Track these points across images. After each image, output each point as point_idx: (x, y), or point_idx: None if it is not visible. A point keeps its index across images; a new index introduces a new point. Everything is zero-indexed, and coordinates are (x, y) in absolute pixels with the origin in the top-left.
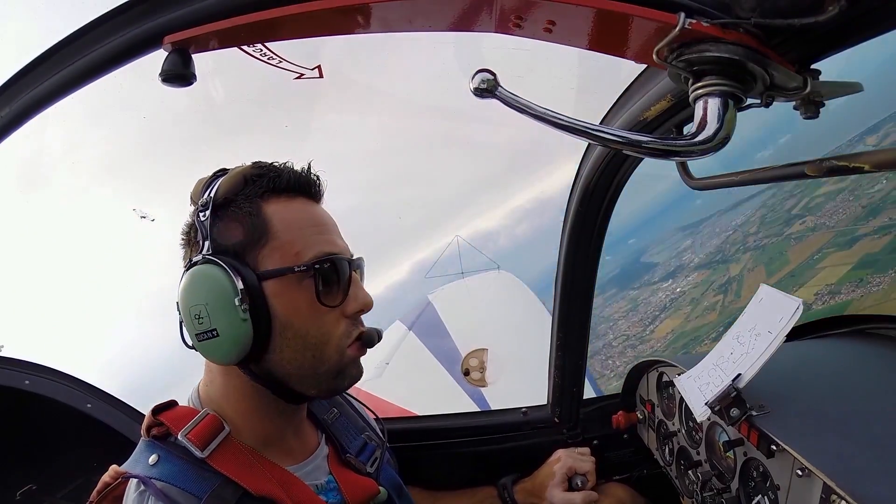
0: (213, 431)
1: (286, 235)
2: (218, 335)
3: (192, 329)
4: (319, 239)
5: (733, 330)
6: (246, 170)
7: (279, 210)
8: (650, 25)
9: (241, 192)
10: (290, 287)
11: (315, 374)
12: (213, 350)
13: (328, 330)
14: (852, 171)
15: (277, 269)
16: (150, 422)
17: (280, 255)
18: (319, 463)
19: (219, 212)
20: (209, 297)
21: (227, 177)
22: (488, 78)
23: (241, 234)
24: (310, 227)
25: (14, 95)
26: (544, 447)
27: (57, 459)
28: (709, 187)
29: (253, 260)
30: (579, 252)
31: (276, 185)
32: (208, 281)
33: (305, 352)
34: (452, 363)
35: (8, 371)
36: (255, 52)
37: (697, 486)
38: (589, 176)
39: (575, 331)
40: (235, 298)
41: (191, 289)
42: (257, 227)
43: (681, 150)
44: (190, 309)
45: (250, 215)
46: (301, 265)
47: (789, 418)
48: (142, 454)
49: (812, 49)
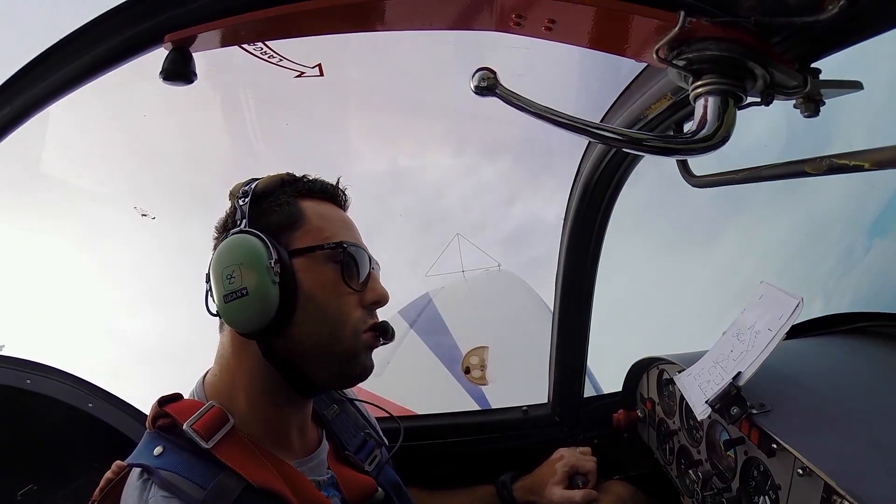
0: (219, 423)
1: (317, 223)
2: (247, 294)
3: (222, 290)
4: (347, 233)
5: (733, 327)
6: (282, 175)
7: (312, 205)
8: (650, 24)
9: (278, 188)
10: (317, 264)
11: (330, 352)
12: (238, 311)
13: (347, 311)
14: (853, 169)
15: (307, 247)
16: (156, 412)
17: (311, 237)
18: (322, 460)
19: (258, 200)
20: (244, 258)
21: (265, 178)
22: (489, 76)
23: (277, 218)
24: (339, 222)
25: (15, 94)
26: (545, 446)
27: (58, 459)
28: (709, 185)
29: (286, 240)
30: (580, 250)
31: (310, 188)
32: (245, 245)
33: (324, 327)
34: (453, 362)
35: (9, 370)
36: (256, 51)
37: (698, 485)
38: (589, 174)
39: (575, 329)
40: (269, 261)
41: (226, 252)
42: (293, 214)
43: (681, 148)
44: (223, 270)
45: (287, 205)
46: (329, 243)
47: (790, 417)
48: (146, 445)
49: (812, 48)
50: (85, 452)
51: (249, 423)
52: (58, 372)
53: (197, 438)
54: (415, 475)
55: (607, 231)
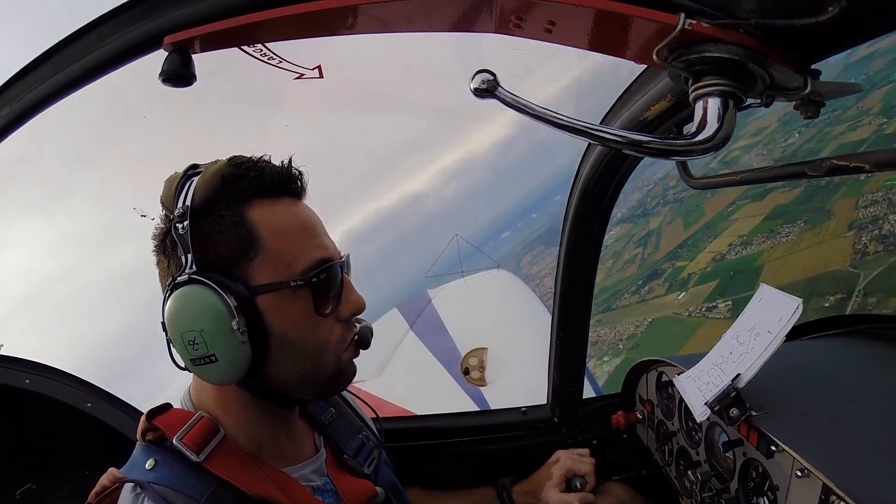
0: (208, 435)
1: (276, 244)
2: (217, 360)
3: (186, 354)
4: (310, 244)
5: (733, 329)
6: (223, 168)
7: (265, 215)
8: (650, 26)
9: (220, 196)
10: (285, 300)
11: (314, 382)
12: (210, 373)
13: (325, 338)
14: (853, 170)
15: (272, 284)
16: (145, 426)
17: (272, 266)
18: (316, 467)
19: (198, 221)
20: (203, 323)
21: (202, 178)
22: (488, 78)
23: (227, 246)
24: (299, 233)
25: (15, 95)
26: (544, 447)
27: (57, 458)
28: (709, 186)
29: (243, 273)
30: (579, 251)
31: (258, 186)
32: (201, 305)
33: (304, 362)
34: (452, 362)
35: (8, 370)
36: (255, 52)
37: (697, 486)
38: (589, 175)
39: (575, 330)
40: (232, 321)
41: (181, 314)
42: (244, 237)
43: (681, 150)
44: (183, 335)
45: (235, 225)
46: (297, 279)
47: (789, 418)
48: (138, 458)
49: (812, 49)
50: (83, 452)
51: (240, 433)
52: (57, 372)
53: (188, 452)
54: (414, 476)
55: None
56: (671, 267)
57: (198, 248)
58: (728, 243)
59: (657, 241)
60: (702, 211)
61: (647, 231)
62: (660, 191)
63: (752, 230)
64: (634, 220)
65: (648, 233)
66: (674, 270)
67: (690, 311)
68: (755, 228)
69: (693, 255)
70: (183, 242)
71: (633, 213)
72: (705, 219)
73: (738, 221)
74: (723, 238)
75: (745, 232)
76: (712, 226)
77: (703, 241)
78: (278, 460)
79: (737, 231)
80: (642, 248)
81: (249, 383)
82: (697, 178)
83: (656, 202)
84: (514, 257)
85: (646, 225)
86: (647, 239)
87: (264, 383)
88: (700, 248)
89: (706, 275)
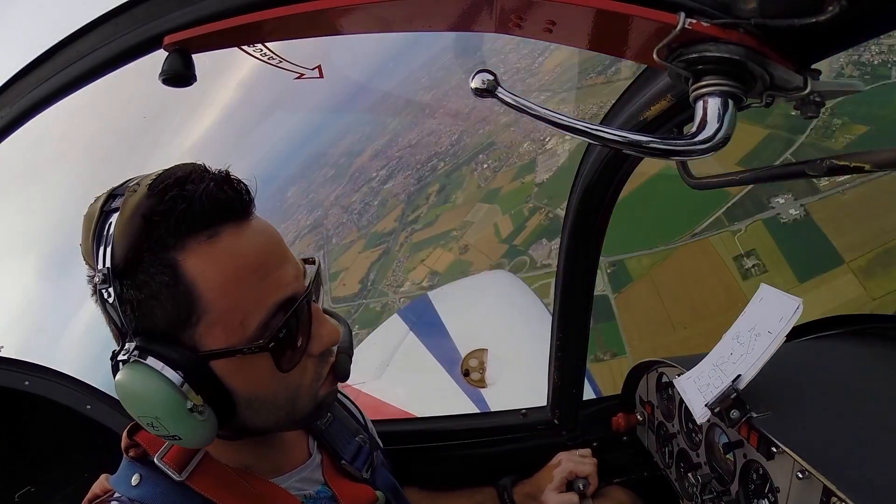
0: (190, 452)
1: (221, 303)
2: (181, 438)
3: (151, 430)
4: (263, 288)
5: (733, 330)
6: (141, 203)
7: (202, 266)
8: (650, 25)
9: (144, 243)
10: (244, 363)
11: (292, 421)
12: (178, 445)
13: (297, 384)
14: (853, 170)
15: (223, 350)
16: (127, 443)
17: (221, 329)
18: (309, 474)
19: (125, 281)
20: (157, 411)
21: (120, 221)
22: (488, 78)
23: (163, 312)
24: (247, 278)
25: (15, 95)
26: (544, 449)
27: (56, 461)
28: (709, 186)
29: (189, 339)
30: (579, 251)
31: (189, 222)
32: (147, 393)
33: (278, 412)
34: (452, 364)
35: (7, 372)
36: (255, 52)
37: (697, 488)
38: (589, 175)
39: (575, 332)
40: (186, 403)
41: (131, 400)
42: (181, 300)
43: (681, 150)
44: (140, 418)
45: (168, 286)
46: (250, 343)
47: (789, 419)
48: (124, 472)
49: (812, 49)
50: (83, 455)
51: (224, 448)
52: (56, 374)
53: (169, 471)
54: (414, 477)
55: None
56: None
57: (131, 317)
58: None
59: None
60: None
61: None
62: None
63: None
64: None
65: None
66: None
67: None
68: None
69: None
70: (114, 311)
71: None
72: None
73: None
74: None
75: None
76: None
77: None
78: (269, 472)
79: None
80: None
81: (225, 435)
82: (697, 178)
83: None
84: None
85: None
86: None
87: (241, 431)
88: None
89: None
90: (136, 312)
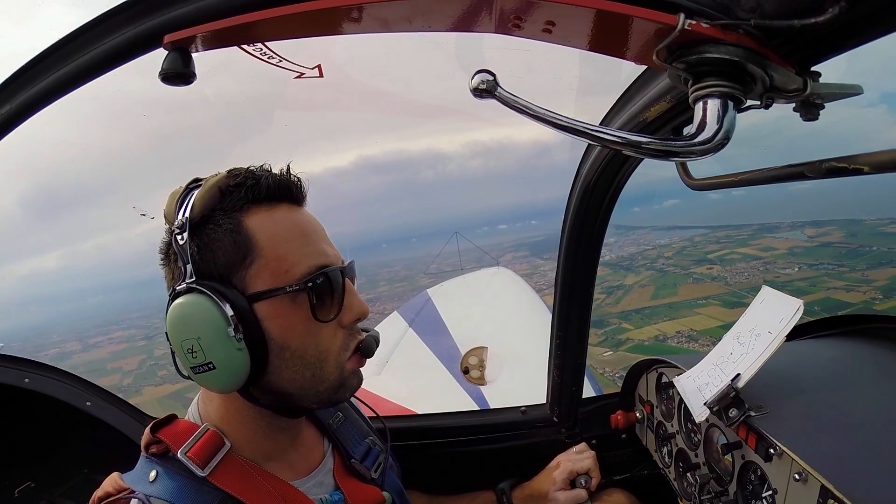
0: (214, 448)
1: (273, 251)
2: (215, 367)
3: (187, 362)
4: (308, 250)
5: (734, 330)
6: (221, 180)
7: (262, 222)
8: (650, 26)
9: (218, 206)
10: (284, 307)
11: (315, 391)
12: (210, 381)
13: (326, 346)
14: (852, 172)
15: (269, 290)
16: (149, 440)
17: (269, 273)
18: (323, 477)
19: (197, 231)
20: (200, 331)
21: (201, 191)
22: (488, 79)
23: (224, 254)
24: (297, 238)
25: (14, 93)
26: (543, 446)
27: (56, 457)
28: (708, 188)
29: (241, 281)
30: (579, 252)
31: (255, 194)
32: (196, 313)
33: (304, 371)
34: (452, 361)
35: (7, 369)
36: (256, 52)
37: (695, 488)
38: (588, 176)
39: (574, 330)
40: (228, 329)
41: (179, 323)
42: (241, 244)
43: (680, 151)
44: (182, 343)
45: (232, 232)
46: (294, 284)
47: (788, 419)
48: (141, 469)
49: (812, 51)
50: (82, 451)
51: (246, 445)
52: (56, 371)
53: (192, 466)
54: (413, 475)
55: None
56: (618, 324)
57: (196, 258)
58: (676, 330)
59: (622, 296)
60: (674, 290)
61: (619, 283)
62: (653, 255)
63: (704, 330)
64: (615, 269)
65: (619, 286)
66: (618, 328)
67: (606, 370)
68: (707, 330)
69: (641, 325)
70: (182, 253)
71: (619, 262)
72: (673, 298)
73: (699, 317)
74: (675, 323)
75: (697, 328)
76: (675, 307)
77: (658, 316)
78: (286, 471)
79: (691, 324)
80: (605, 296)
81: (251, 392)
82: (697, 179)
83: (644, 263)
84: (497, 249)
85: (622, 278)
86: (614, 289)
87: (266, 391)
88: (651, 322)
89: (641, 347)
90: (201, 253)
